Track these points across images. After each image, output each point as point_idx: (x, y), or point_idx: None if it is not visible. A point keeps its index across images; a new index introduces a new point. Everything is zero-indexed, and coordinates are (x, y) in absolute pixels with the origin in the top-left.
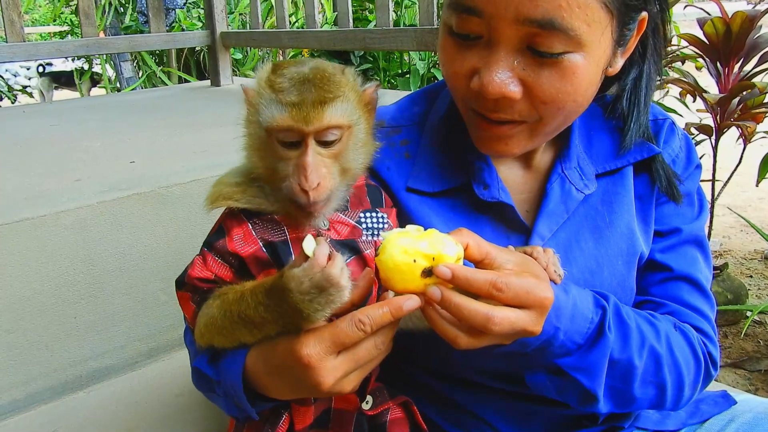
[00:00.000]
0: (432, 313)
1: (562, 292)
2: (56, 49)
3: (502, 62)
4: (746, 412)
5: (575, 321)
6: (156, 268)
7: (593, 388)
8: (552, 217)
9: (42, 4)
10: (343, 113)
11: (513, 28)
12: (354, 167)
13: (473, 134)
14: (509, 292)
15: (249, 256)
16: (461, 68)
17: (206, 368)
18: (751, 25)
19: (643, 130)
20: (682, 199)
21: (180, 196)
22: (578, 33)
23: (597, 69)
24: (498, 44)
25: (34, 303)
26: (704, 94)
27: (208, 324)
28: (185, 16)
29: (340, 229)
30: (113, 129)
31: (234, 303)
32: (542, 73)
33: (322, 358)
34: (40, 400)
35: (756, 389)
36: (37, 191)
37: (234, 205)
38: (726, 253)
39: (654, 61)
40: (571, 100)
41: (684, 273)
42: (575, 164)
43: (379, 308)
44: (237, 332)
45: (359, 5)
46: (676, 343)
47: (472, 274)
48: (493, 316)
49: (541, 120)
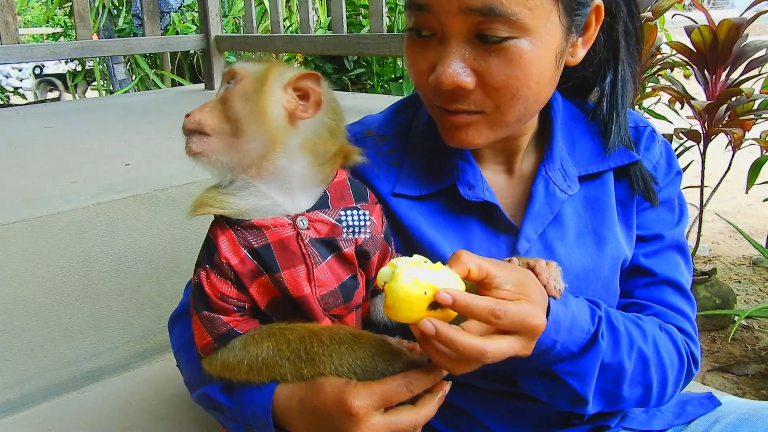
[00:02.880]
0: (427, 346)
1: (562, 306)
2: (51, 52)
3: (454, 54)
4: (731, 413)
5: (572, 333)
6: (151, 269)
7: (584, 392)
8: (538, 218)
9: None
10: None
11: (459, 20)
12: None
13: (439, 128)
14: (506, 319)
15: (237, 265)
16: (422, 66)
17: (220, 396)
18: (738, 33)
19: (624, 133)
20: (658, 201)
21: (175, 198)
22: (520, 18)
23: (547, 55)
24: (449, 38)
25: (29, 304)
26: (692, 101)
27: (250, 363)
28: (180, 19)
29: (319, 227)
30: (108, 131)
31: (299, 341)
32: (491, 60)
33: (368, 413)
34: (34, 401)
35: (743, 393)
36: (33, 193)
37: (212, 212)
38: (714, 259)
39: (629, 63)
40: (524, 86)
41: (667, 277)
42: (559, 166)
43: (424, 374)
44: (282, 369)
45: (353, 10)
46: (662, 344)
47: (473, 300)
48: (486, 351)
49: (498, 109)
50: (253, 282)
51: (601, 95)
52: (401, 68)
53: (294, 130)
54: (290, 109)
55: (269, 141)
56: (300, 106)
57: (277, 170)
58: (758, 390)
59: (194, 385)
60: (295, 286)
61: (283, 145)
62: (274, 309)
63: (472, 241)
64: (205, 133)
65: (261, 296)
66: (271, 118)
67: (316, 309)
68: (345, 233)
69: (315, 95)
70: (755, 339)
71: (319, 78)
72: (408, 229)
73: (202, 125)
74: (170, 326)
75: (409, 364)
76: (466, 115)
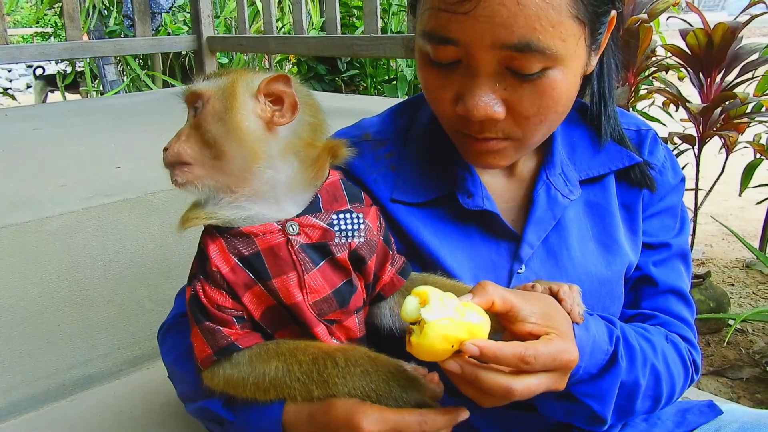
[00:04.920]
0: (455, 378)
1: (584, 330)
2: (40, 52)
3: (484, 87)
4: (732, 422)
5: (594, 356)
6: (142, 275)
7: (603, 412)
8: (540, 224)
9: (24, 5)
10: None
11: (490, 54)
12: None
13: (462, 151)
14: (537, 364)
15: (228, 274)
16: (445, 95)
17: (221, 411)
18: (733, 36)
19: (614, 124)
20: (655, 187)
21: (166, 202)
22: (555, 50)
23: (575, 78)
24: (477, 69)
25: (16, 310)
26: (687, 104)
27: (257, 381)
28: (171, 20)
29: (310, 232)
30: (98, 133)
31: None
32: (523, 92)
33: None
34: (22, 409)
35: (738, 397)
36: (21, 197)
37: (200, 223)
38: (708, 262)
39: (613, 52)
40: (552, 113)
41: (672, 286)
42: (559, 171)
43: (441, 415)
44: (292, 389)
45: (347, 11)
46: (671, 357)
47: (500, 350)
48: (513, 390)
49: (525, 135)
50: (246, 292)
51: (592, 92)
52: (395, 70)
53: (274, 138)
54: (266, 118)
55: (251, 155)
56: (275, 113)
57: (263, 180)
58: (753, 394)
59: (191, 398)
60: (286, 294)
61: (266, 155)
62: (270, 319)
63: (473, 248)
64: (186, 163)
65: (255, 306)
66: (248, 132)
67: (309, 316)
68: (338, 237)
69: (289, 98)
70: (749, 342)
71: (289, 79)
72: (408, 235)
73: (181, 156)
74: (161, 337)
75: (425, 392)
76: (495, 142)
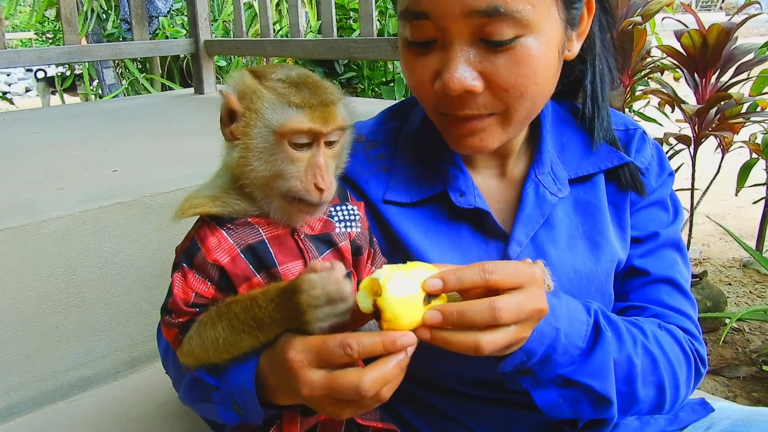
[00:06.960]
0: (440, 336)
1: (554, 297)
2: (38, 57)
3: (459, 58)
4: (723, 419)
5: (573, 324)
6: (139, 277)
7: (606, 390)
8: (528, 222)
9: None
10: (346, 114)
11: (461, 23)
12: (341, 168)
13: (447, 136)
14: (506, 316)
15: (228, 264)
16: (423, 75)
17: (207, 378)
18: (727, 37)
19: (607, 126)
20: (646, 191)
21: (163, 205)
22: (524, 15)
23: (551, 50)
24: (452, 42)
25: (14, 313)
26: (682, 104)
27: (215, 345)
28: (169, 23)
29: (313, 224)
30: (95, 137)
31: (244, 311)
32: (498, 61)
33: (303, 367)
34: (20, 411)
35: (735, 396)
36: (18, 200)
37: (207, 211)
38: (705, 261)
39: (605, 56)
40: (532, 84)
41: (663, 276)
42: (548, 169)
43: (371, 337)
44: (244, 342)
45: (343, 14)
46: (665, 341)
47: (461, 272)
48: (481, 344)
49: (507, 109)
50: (244, 283)
51: (585, 94)
52: (392, 72)
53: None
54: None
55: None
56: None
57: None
58: (749, 393)
59: (180, 382)
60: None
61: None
62: None
63: (462, 247)
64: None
65: None
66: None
67: None
68: (338, 227)
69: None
70: (746, 341)
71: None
72: (397, 235)
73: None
74: (159, 334)
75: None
76: (478, 120)
